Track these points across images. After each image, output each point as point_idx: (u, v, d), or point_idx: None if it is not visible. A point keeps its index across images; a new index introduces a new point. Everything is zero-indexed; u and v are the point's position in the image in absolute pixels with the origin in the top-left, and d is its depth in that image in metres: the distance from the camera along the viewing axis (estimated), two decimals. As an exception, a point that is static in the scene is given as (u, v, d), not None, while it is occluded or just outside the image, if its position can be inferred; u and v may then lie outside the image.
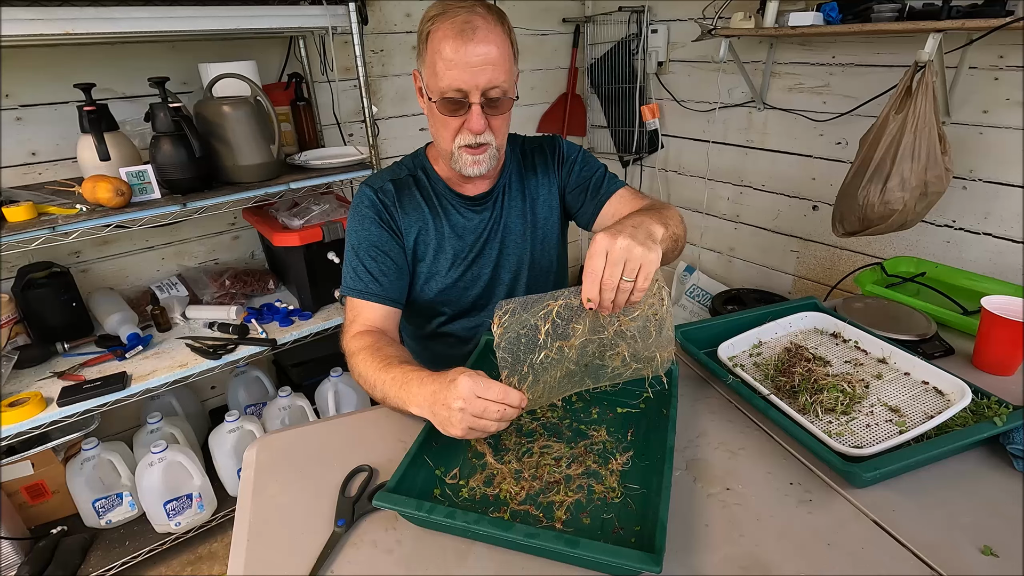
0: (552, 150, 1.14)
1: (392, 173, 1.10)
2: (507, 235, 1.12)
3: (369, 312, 1.02)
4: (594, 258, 0.72)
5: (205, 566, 1.70)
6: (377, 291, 1.02)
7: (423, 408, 0.78)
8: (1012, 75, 1.53)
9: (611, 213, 1.08)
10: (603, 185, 1.10)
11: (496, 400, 0.72)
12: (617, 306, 0.74)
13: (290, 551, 0.70)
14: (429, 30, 0.91)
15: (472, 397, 0.71)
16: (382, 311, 1.02)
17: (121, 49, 1.67)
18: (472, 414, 0.72)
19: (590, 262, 0.72)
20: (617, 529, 0.69)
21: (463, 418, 0.72)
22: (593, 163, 1.14)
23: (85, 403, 1.38)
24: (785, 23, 1.73)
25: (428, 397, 0.77)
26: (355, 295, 1.03)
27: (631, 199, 1.08)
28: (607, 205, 1.09)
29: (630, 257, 0.71)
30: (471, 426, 0.72)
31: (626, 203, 1.07)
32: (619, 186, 1.10)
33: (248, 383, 1.96)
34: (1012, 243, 1.63)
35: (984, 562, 0.65)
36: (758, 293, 2.28)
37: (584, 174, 1.12)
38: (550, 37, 2.65)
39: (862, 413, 0.84)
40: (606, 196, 1.09)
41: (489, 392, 0.72)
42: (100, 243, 1.79)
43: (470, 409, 0.71)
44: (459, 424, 0.72)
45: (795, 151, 2.10)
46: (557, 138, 1.16)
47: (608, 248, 0.71)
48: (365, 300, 1.02)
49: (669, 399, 0.86)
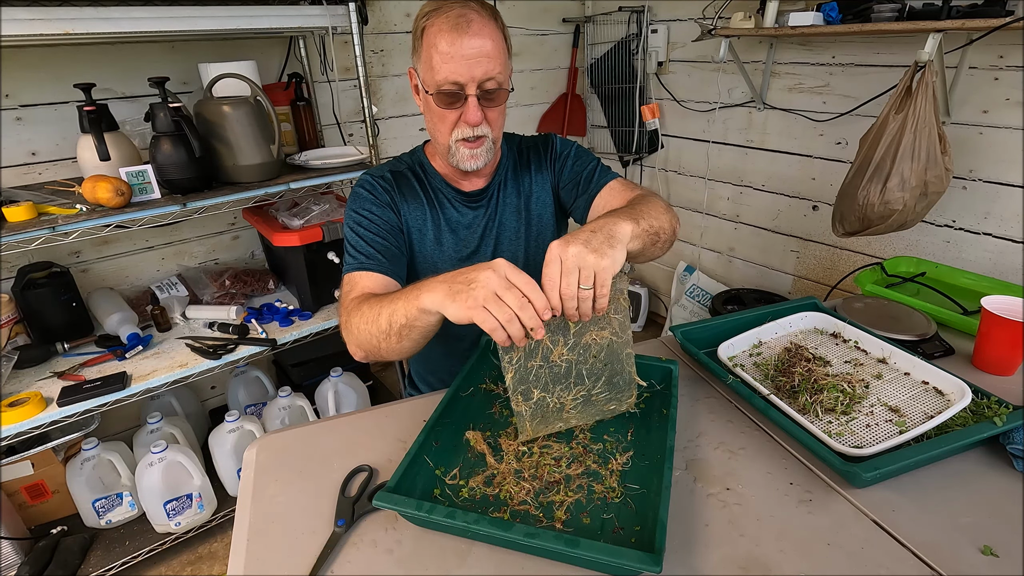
0: (545, 147, 1.14)
1: (391, 165, 1.10)
2: (502, 232, 1.12)
3: (368, 280, 0.95)
4: (549, 266, 0.70)
5: (205, 566, 1.70)
6: (378, 263, 0.98)
7: (436, 289, 0.72)
8: (1012, 75, 1.53)
9: (601, 206, 1.06)
10: (594, 178, 1.09)
11: (522, 288, 0.68)
12: (584, 315, 0.72)
13: (290, 551, 0.70)
14: (424, 26, 0.91)
15: (502, 273, 0.68)
16: (383, 279, 0.96)
17: (121, 49, 1.67)
18: (494, 288, 0.67)
19: (545, 270, 0.71)
20: (617, 529, 0.69)
21: (484, 286, 0.67)
22: (586, 157, 1.13)
23: (85, 403, 1.38)
24: (785, 23, 1.73)
25: (449, 277, 0.72)
26: (353, 269, 0.97)
27: (621, 191, 1.05)
28: (598, 198, 1.07)
29: (583, 265, 0.69)
30: (486, 301, 0.67)
31: (616, 195, 1.04)
32: (611, 178, 1.08)
33: (248, 383, 1.96)
34: (1012, 243, 1.63)
35: (984, 562, 0.65)
36: (758, 293, 2.28)
37: (576, 168, 1.11)
38: (550, 37, 2.65)
39: (862, 413, 0.84)
40: (596, 189, 1.07)
41: (519, 279, 0.68)
42: (100, 243, 1.79)
43: (495, 282, 0.67)
44: (477, 291, 0.67)
45: (795, 151, 2.10)
46: (551, 135, 1.16)
47: (560, 256, 0.70)
48: (364, 271, 0.96)
49: (669, 399, 0.86)
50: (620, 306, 0.77)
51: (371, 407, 0.98)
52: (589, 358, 0.79)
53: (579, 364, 0.79)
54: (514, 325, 0.67)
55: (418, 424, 0.84)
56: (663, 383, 0.93)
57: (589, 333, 0.77)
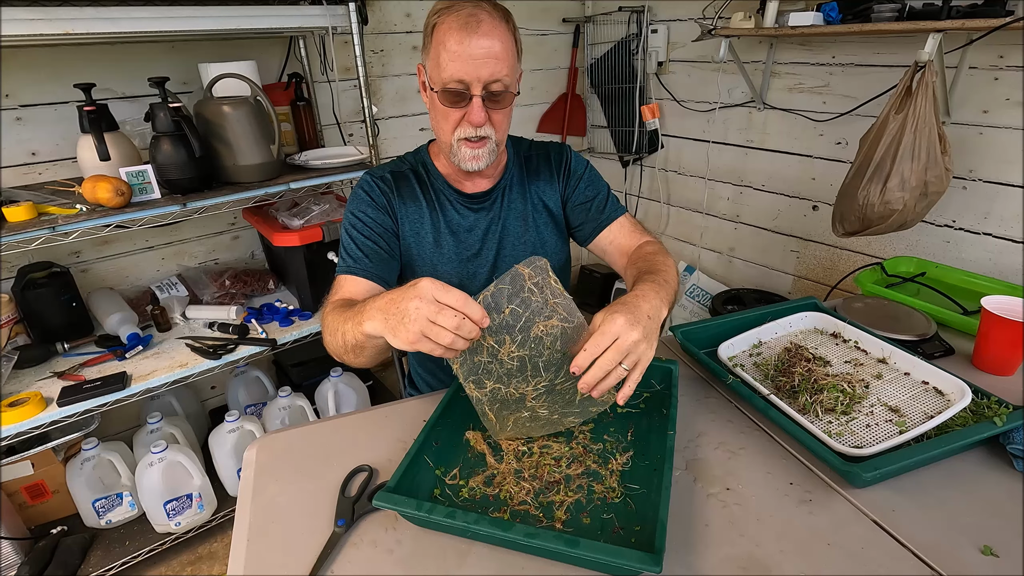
0: (560, 158, 1.15)
1: (393, 166, 1.11)
2: (505, 236, 1.12)
3: (351, 285, 0.99)
4: (603, 336, 0.70)
5: (205, 566, 1.70)
6: (364, 267, 1.01)
7: (375, 317, 0.73)
8: (1012, 75, 1.53)
9: (609, 240, 1.12)
10: (606, 208, 1.13)
11: (455, 307, 0.67)
12: (600, 390, 0.72)
13: (290, 551, 0.70)
14: (435, 23, 0.92)
15: (430, 298, 0.67)
16: (365, 284, 0.99)
17: (121, 49, 1.67)
18: (427, 316, 0.67)
19: (598, 338, 0.70)
20: (617, 529, 0.69)
21: (417, 319, 0.67)
22: (598, 182, 1.16)
23: (85, 403, 1.38)
24: (785, 23, 1.73)
25: (383, 305, 0.73)
26: (341, 272, 1.01)
27: (631, 230, 1.11)
28: (607, 230, 1.12)
29: (634, 352, 0.71)
30: (424, 331, 0.67)
31: (626, 233, 1.11)
32: (620, 212, 1.14)
33: (248, 383, 1.96)
34: (1012, 243, 1.63)
35: (984, 562, 0.65)
36: (758, 293, 2.28)
37: (589, 192, 1.14)
38: (550, 37, 2.65)
39: (862, 413, 0.84)
40: (607, 221, 1.12)
41: (449, 297, 0.67)
42: (100, 243, 1.79)
43: (425, 310, 0.67)
44: (411, 325, 0.67)
45: (795, 151, 2.10)
46: (566, 147, 1.17)
47: (621, 334, 0.70)
48: (350, 275, 1.00)
49: (669, 399, 0.86)
50: (555, 289, 0.76)
51: (371, 407, 0.98)
52: (543, 350, 0.77)
53: (535, 358, 0.77)
54: (458, 343, 0.69)
55: (418, 424, 0.84)
56: (663, 383, 0.94)
57: (536, 326, 0.76)
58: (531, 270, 0.76)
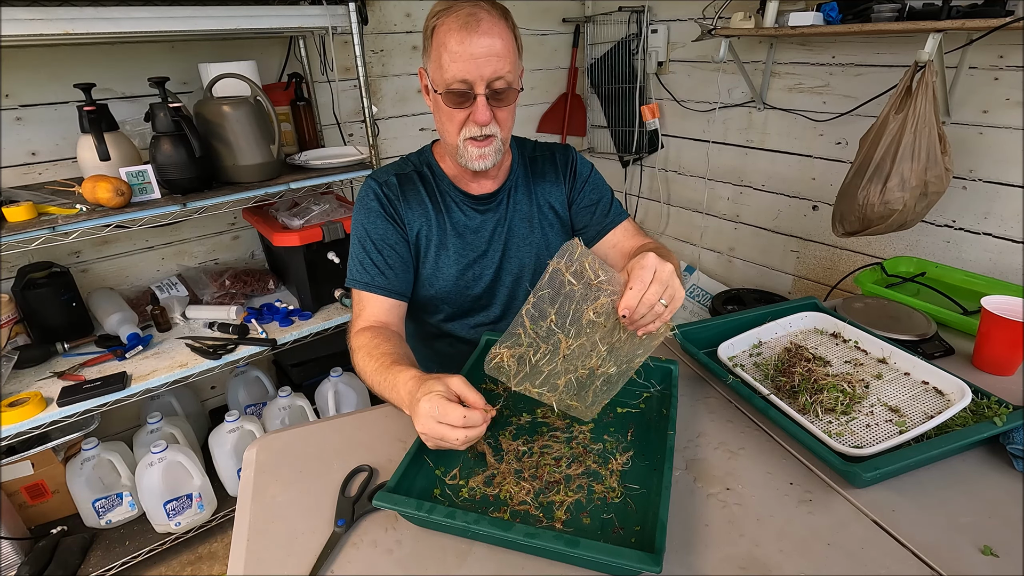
0: (566, 160, 1.16)
1: (397, 168, 1.10)
2: (511, 237, 1.12)
3: (374, 305, 1.03)
4: (644, 270, 0.72)
5: (205, 566, 1.70)
6: (383, 283, 1.03)
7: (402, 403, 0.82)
8: (1012, 75, 1.53)
9: (612, 243, 1.13)
10: (610, 212, 1.15)
11: (456, 424, 0.71)
12: (642, 326, 0.74)
13: (290, 551, 0.70)
14: (435, 25, 0.92)
15: (431, 424, 0.72)
16: (387, 304, 1.04)
17: (121, 49, 1.67)
18: (435, 438, 0.73)
19: (641, 272, 0.72)
20: (617, 529, 0.69)
21: (429, 438, 0.74)
22: (603, 186, 1.17)
23: (85, 403, 1.38)
24: (785, 23, 1.73)
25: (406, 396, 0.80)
26: (361, 287, 1.04)
27: (634, 233, 1.13)
28: (611, 234, 1.13)
29: (671, 284, 0.73)
30: (439, 445, 0.74)
31: (629, 236, 1.13)
32: (624, 217, 1.15)
33: (248, 383, 1.96)
34: (1012, 243, 1.63)
35: (984, 562, 0.65)
36: (758, 293, 2.28)
37: (594, 196, 1.15)
38: (550, 37, 2.65)
39: (862, 413, 0.84)
40: (611, 224, 1.14)
41: (448, 417, 0.72)
42: (100, 243, 1.79)
43: (431, 434, 0.73)
44: (428, 442, 0.75)
45: (795, 151, 2.10)
46: (571, 149, 1.18)
47: (658, 267, 0.72)
48: (371, 292, 1.03)
49: (669, 399, 0.86)
50: (594, 269, 0.75)
51: (371, 407, 0.98)
52: (598, 328, 0.77)
53: (591, 336, 0.77)
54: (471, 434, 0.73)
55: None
56: (663, 383, 0.94)
57: (584, 314, 0.76)
58: (565, 260, 0.75)
